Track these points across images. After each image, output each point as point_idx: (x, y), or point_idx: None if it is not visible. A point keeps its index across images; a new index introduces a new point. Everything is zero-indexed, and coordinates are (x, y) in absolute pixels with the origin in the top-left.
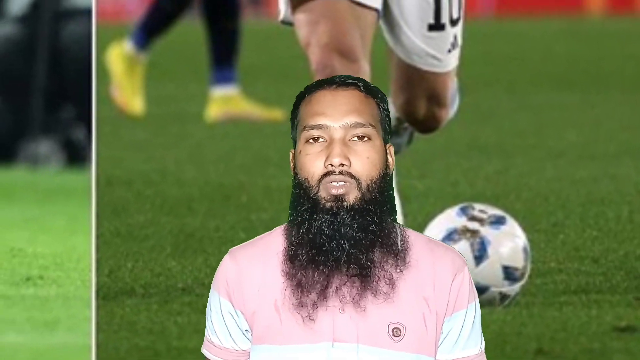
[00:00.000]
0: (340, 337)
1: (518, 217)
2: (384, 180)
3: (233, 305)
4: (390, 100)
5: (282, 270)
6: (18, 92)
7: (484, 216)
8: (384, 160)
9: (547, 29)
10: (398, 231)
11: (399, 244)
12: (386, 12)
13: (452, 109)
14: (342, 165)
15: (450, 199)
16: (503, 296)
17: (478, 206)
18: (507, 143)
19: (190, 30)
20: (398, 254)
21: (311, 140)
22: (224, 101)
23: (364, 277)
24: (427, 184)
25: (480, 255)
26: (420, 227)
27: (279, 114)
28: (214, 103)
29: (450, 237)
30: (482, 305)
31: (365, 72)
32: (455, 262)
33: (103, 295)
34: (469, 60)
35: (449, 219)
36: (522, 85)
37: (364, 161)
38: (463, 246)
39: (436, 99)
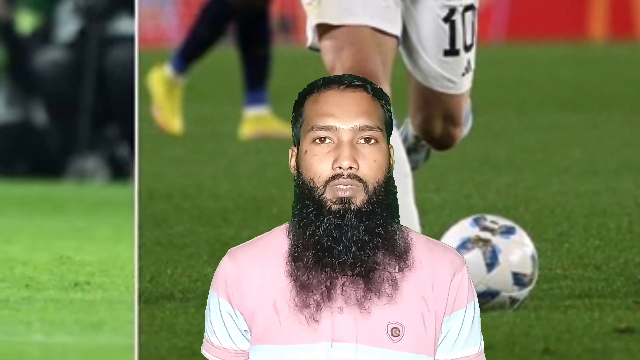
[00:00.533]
0: (339, 337)
1: (526, 227)
2: (388, 183)
3: (232, 306)
4: (408, 120)
5: (286, 271)
6: (67, 112)
7: (495, 226)
8: (388, 163)
9: (553, 54)
10: (400, 232)
11: (401, 245)
12: (405, 39)
13: (465, 128)
14: (351, 168)
15: (464, 210)
16: (513, 300)
17: (490, 217)
18: (516, 159)
19: (225, 56)
20: (401, 255)
21: (318, 141)
22: (256, 120)
23: (368, 278)
24: (442, 197)
25: (491, 262)
26: (437, 237)
27: None
28: (247, 122)
29: (464, 245)
30: (493, 308)
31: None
32: (454, 262)
33: (145, 299)
34: (481, 83)
35: (463, 229)
36: (531, 107)
37: (372, 164)
38: (476, 254)
39: (451, 119)
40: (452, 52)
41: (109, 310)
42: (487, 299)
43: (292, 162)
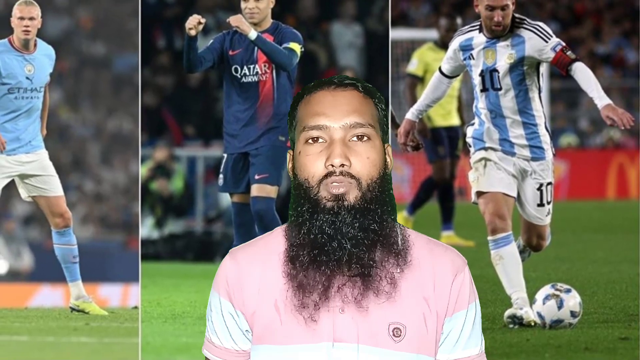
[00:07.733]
0: (340, 337)
1: (577, 289)
2: (383, 180)
3: (233, 306)
4: (520, 237)
5: (283, 272)
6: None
7: (562, 288)
8: (383, 160)
9: (589, 205)
10: (398, 230)
11: (400, 242)
12: (518, 198)
13: (548, 241)
14: (343, 165)
15: (546, 281)
16: (570, 324)
17: (559, 284)
18: (571, 256)
19: (427, 207)
20: (399, 253)
21: (311, 141)
22: (447, 239)
23: (365, 276)
24: (536, 274)
25: (560, 305)
26: (535, 292)
27: (472, 242)
28: (442, 239)
29: (547, 297)
30: (560, 328)
31: (509, 226)
32: (454, 262)
33: None
34: (554, 219)
35: (546, 289)
36: (578, 231)
37: (364, 161)
38: (552, 302)
39: (541, 237)
40: (541, 204)
41: None
42: (558, 324)
43: (290, 165)
